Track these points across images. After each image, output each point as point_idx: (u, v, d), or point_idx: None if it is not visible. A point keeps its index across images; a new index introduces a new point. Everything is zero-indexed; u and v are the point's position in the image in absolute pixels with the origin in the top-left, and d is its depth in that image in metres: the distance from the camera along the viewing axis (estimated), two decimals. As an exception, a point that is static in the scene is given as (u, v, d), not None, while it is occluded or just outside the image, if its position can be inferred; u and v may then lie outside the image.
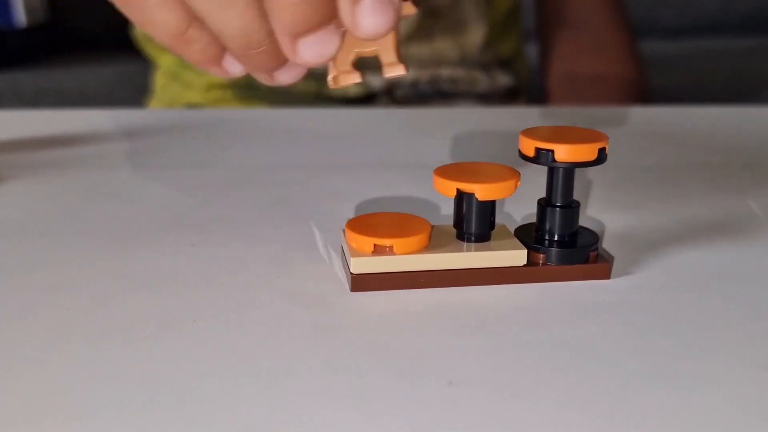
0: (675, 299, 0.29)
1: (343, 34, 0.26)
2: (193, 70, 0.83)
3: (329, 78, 0.29)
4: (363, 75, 0.29)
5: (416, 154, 0.47)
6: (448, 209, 0.37)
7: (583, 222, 0.32)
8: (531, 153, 0.29)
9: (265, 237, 0.35)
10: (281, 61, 0.28)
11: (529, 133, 0.30)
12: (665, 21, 1.91)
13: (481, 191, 0.29)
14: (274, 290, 0.29)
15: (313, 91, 0.78)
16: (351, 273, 0.29)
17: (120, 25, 0.64)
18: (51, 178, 0.43)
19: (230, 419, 0.21)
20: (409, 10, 0.27)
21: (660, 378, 0.23)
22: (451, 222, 0.31)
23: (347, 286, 0.30)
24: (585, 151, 0.29)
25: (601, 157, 0.29)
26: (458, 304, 0.28)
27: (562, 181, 0.30)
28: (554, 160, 0.29)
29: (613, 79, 0.86)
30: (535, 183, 0.34)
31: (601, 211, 0.38)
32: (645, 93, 0.89)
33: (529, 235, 0.31)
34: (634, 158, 0.48)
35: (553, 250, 0.30)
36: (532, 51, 0.94)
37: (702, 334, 0.26)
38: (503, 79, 0.83)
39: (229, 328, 0.26)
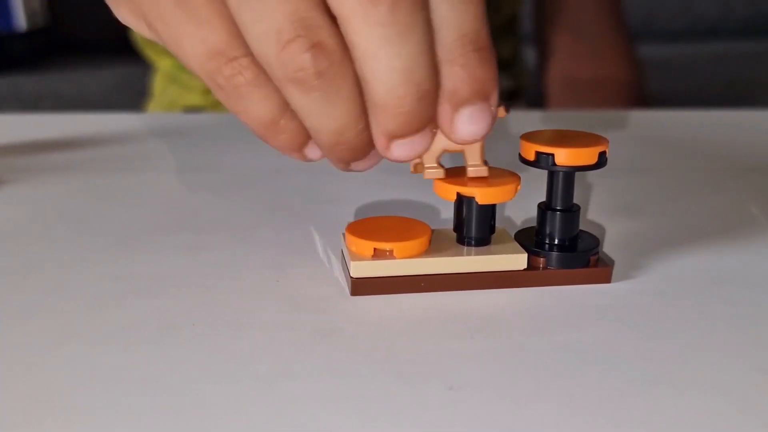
0: (675, 303, 0.29)
1: (435, 134, 0.27)
2: (191, 73, 0.83)
3: (411, 165, 0.30)
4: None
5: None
6: (448, 213, 0.37)
7: (583, 226, 0.32)
8: (531, 157, 0.29)
9: (265, 241, 0.35)
10: (364, 154, 0.28)
11: (530, 136, 0.30)
12: (663, 24, 1.91)
13: (482, 195, 0.29)
14: (274, 294, 0.29)
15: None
16: (351, 277, 0.29)
17: (119, 29, 0.64)
18: (51, 182, 0.43)
19: (230, 423, 0.21)
20: (502, 113, 0.28)
21: (661, 382, 0.23)
22: (451, 226, 0.31)
23: (347, 290, 0.30)
24: (585, 155, 0.29)
25: (602, 161, 0.29)
26: (458, 308, 0.28)
27: (562, 185, 0.30)
28: (554, 164, 0.29)
29: (612, 82, 0.86)
30: (535, 187, 0.34)
31: (601, 214, 0.38)
32: (644, 97, 0.89)
33: (529, 239, 0.31)
34: (635, 162, 0.48)
35: (554, 253, 0.30)
36: (529, 54, 0.94)
37: (703, 338, 0.26)
38: (502, 82, 0.83)
39: (229, 331, 0.26)
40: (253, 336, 0.26)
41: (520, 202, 0.34)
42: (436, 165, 0.29)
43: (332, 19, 0.25)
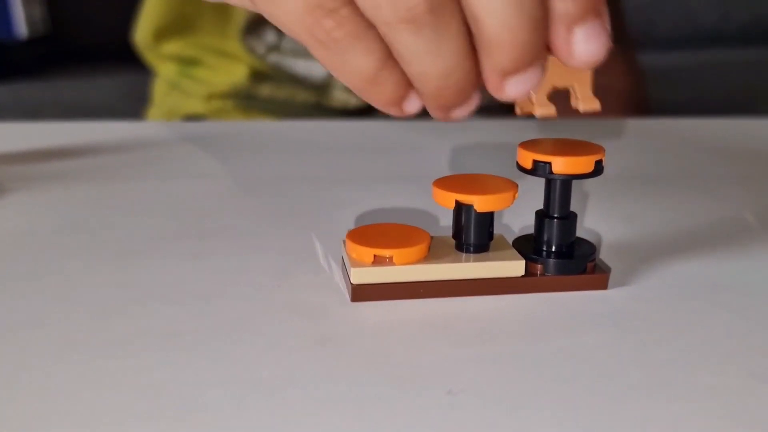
0: (672, 309, 0.29)
1: (546, 68, 0.26)
2: (193, 79, 0.83)
3: (517, 108, 0.29)
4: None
5: (415, 166, 0.48)
6: (447, 220, 0.37)
7: (580, 233, 0.32)
8: (529, 165, 0.30)
9: (267, 248, 0.35)
10: (467, 97, 0.27)
11: (527, 145, 0.30)
12: (663, 32, 1.92)
13: (480, 203, 0.30)
14: (276, 300, 0.30)
15: (313, 101, 0.79)
16: (351, 283, 0.29)
17: (119, 37, 0.64)
18: (53, 190, 0.44)
19: (233, 428, 0.22)
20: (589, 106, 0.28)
21: (657, 387, 0.24)
22: (450, 233, 0.32)
23: (347, 296, 0.30)
24: (582, 164, 0.29)
25: (598, 169, 0.29)
26: (457, 314, 0.29)
27: (559, 193, 0.31)
28: (551, 172, 0.29)
29: (612, 91, 0.86)
30: (533, 194, 0.34)
31: (598, 222, 0.38)
32: (645, 105, 0.89)
33: (527, 246, 0.31)
34: (631, 170, 0.48)
35: (551, 260, 0.30)
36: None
37: (699, 344, 0.27)
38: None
39: (231, 337, 0.27)
40: (255, 342, 0.26)
41: (518, 210, 0.34)
42: (545, 101, 0.28)
43: None
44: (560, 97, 0.29)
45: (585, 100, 0.28)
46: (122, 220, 0.39)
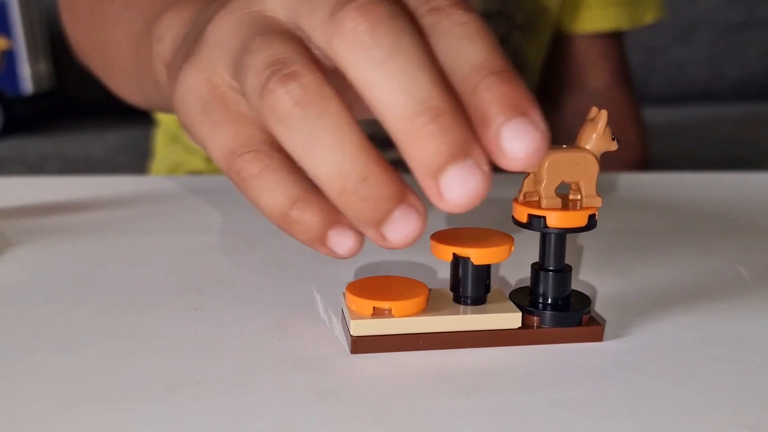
0: (666, 362, 0.29)
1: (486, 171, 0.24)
2: None
3: (520, 195, 0.30)
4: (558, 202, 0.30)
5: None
6: (444, 273, 0.38)
7: (575, 286, 0.33)
8: (524, 219, 0.30)
9: (267, 300, 0.35)
10: (385, 210, 0.25)
11: (521, 200, 0.31)
12: (657, 89, 1.95)
13: (477, 256, 0.30)
14: (276, 353, 0.30)
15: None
16: (351, 335, 0.30)
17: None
18: (57, 244, 0.44)
19: (234, 477, 0.22)
20: (612, 146, 0.30)
21: (650, 437, 0.24)
22: (448, 285, 0.32)
23: (347, 348, 0.30)
24: (576, 218, 0.30)
25: (591, 224, 0.30)
26: (455, 366, 0.29)
27: (554, 246, 0.31)
28: (546, 226, 0.30)
29: (619, 155, 0.87)
30: (528, 248, 0.35)
31: (593, 275, 0.39)
32: (647, 160, 0.89)
33: (524, 298, 0.32)
34: (625, 224, 0.49)
35: (547, 313, 0.31)
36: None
37: (693, 396, 0.27)
38: None
39: (232, 390, 0.27)
40: (256, 394, 0.27)
41: (514, 263, 0.35)
42: (553, 196, 0.30)
43: (314, 58, 0.26)
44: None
45: (588, 198, 0.30)
46: (124, 274, 0.39)
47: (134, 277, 0.39)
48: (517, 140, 0.24)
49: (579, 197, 0.30)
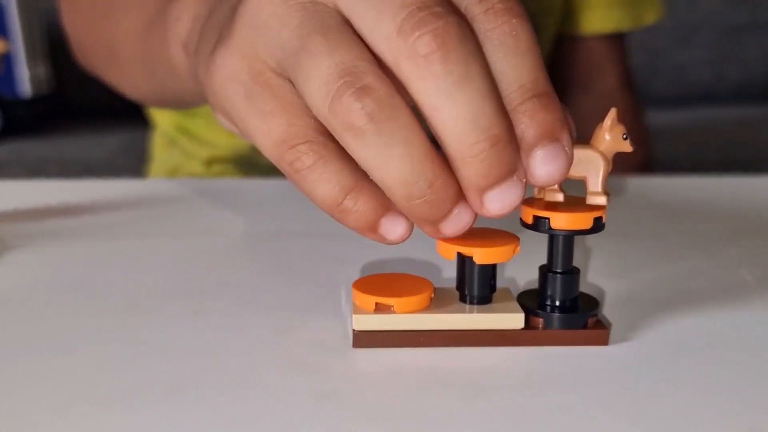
0: (672, 365, 0.29)
1: (525, 182, 0.27)
2: (191, 139, 0.83)
3: (535, 190, 0.31)
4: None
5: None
6: (453, 272, 0.37)
7: (584, 288, 0.33)
8: (529, 220, 0.30)
9: (267, 303, 0.35)
10: (444, 210, 0.27)
11: (529, 201, 0.30)
12: (658, 91, 1.94)
13: (479, 255, 0.30)
14: (276, 356, 0.30)
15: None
16: (353, 329, 0.30)
17: (121, 96, 0.65)
18: (56, 247, 0.44)
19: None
20: (624, 146, 0.29)
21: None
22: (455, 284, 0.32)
23: (351, 346, 0.30)
24: (580, 220, 0.29)
25: (597, 226, 0.30)
26: (457, 365, 0.29)
27: (561, 249, 0.31)
28: (551, 228, 0.30)
29: (621, 156, 0.87)
30: (542, 249, 0.34)
31: (601, 277, 0.38)
32: (649, 162, 0.89)
33: (531, 300, 0.32)
34: (629, 226, 0.48)
35: (552, 314, 0.31)
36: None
37: (697, 400, 0.27)
38: None
39: (232, 393, 0.27)
40: (256, 397, 0.26)
41: (527, 264, 0.35)
42: (556, 188, 0.30)
43: (380, 65, 0.26)
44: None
45: (592, 195, 0.30)
46: (123, 277, 0.39)
47: (133, 280, 0.38)
48: (547, 166, 0.27)
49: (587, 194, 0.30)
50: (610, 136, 0.29)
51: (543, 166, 0.27)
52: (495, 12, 0.26)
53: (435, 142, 0.27)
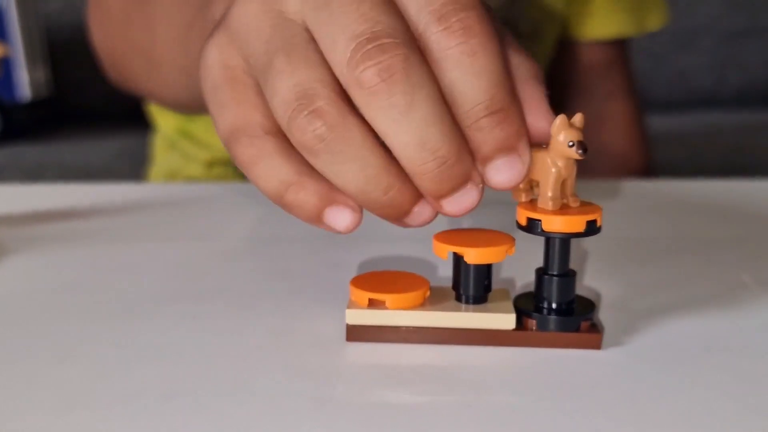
0: (667, 370, 0.29)
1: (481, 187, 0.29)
2: (192, 141, 0.84)
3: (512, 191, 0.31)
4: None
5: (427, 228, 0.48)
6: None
7: (581, 291, 0.33)
8: (524, 222, 0.30)
9: (265, 309, 0.35)
10: (403, 211, 0.29)
11: (525, 204, 0.31)
12: (659, 96, 1.95)
13: (470, 255, 0.30)
14: (274, 361, 0.30)
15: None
16: (346, 323, 0.31)
17: (120, 100, 0.65)
18: (54, 252, 0.44)
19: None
20: (569, 153, 0.29)
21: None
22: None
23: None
24: (573, 223, 0.29)
25: (591, 230, 0.30)
26: (448, 364, 0.29)
27: (556, 251, 0.31)
28: (543, 230, 0.29)
29: (614, 153, 0.87)
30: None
31: (598, 280, 0.38)
32: (650, 167, 0.89)
33: (527, 301, 0.32)
34: (627, 230, 0.48)
35: (543, 316, 0.31)
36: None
37: (694, 405, 0.26)
38: None
39: (230, 398, 0.27)
40: (254, 403, 0.26)
41: (533, 265, 0.34)
42: (528, 189, 0.31)
43: (337, 87, 0.28)
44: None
45: (541, 198, 0.30)
46: (121, 282, 0.39)
47: (131, 285, 0.38)
48: (502, 175, 0.28)
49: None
50: (556, 142, 0.29)
51: (498, 175, 0.28)
52: (452, 32, 0.27)
53: None
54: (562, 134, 0.29)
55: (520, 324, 0.31)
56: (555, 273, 0.31)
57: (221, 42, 0.31)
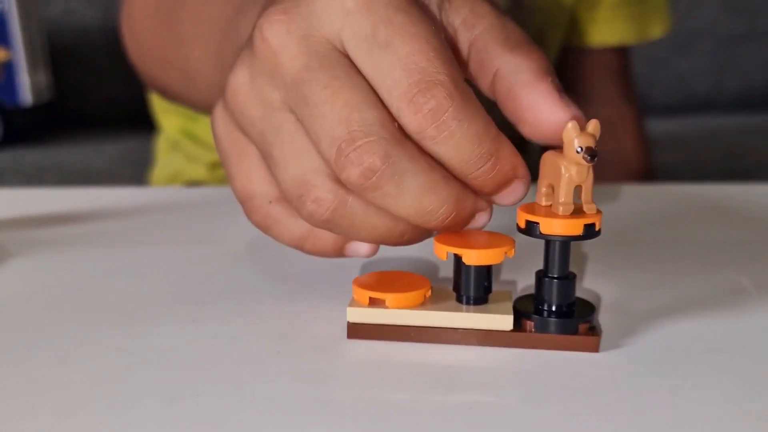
0: (666, 373, 0.29)
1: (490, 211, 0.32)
2: (196, 143, 0.84)
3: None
4: None
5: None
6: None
7: (580, 293, 0.33)
8: (523, 225, 0.30)
9: (267, 312, 0.35)
10: (418, 239, 0.33)
11: (525, 207, 0.31)
12: (658, 99, 1.95)
13: (468, 256, 0.30)
14: (276, 365, 0.30)
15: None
16: (347, 321, 0.31)
17: (121, 103, 0.65)
18: (55, 255, 0.44)
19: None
20: (578, 159, 0.29)
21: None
22: None
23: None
24: (571, 226, 0.29)
25: (589, 233, 0.30)
26: (447, 364, 0.29)
27: (555, 254, 0.31)
28: (541, 233, 0.30)
29: (616, 158, 0.87)
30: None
31: (596, 283, 0.38)
32: (649, 172, 0.89)
33: (528, 303, 0.32)
34: (627, 234, 0.48)
35: (541, 318, 0.31)
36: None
37: (693, 408, 0.27)
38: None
39: (231, 403, 0.27)
40: (255, 407, 0.27)
41: (534, 268, 0.35)
42: (549, 192, 0.31)
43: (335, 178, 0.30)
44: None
45: (556, 203, 0.30)
46: (123, 285, 0.39)
47: (132, 289, 0.38)
48: (507, 200, 0.31)
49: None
50: (568, 147, 0.29)
51: (504, 200, 0.31)
52: (423, 116, 0.28)
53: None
54: (574, 140, 0.29)
55: (519, 325, 0.31)
56: (554, 276, 0.31)
57: (223, 114, 0.34)
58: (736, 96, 2.00)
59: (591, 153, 0.29)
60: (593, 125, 0.29)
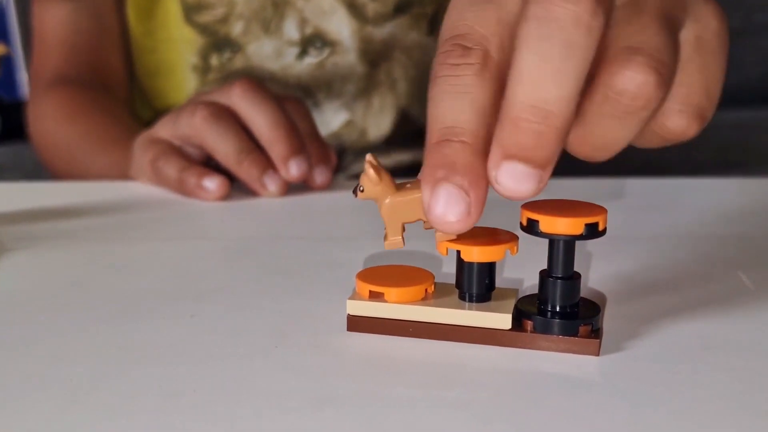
0: (666, 370, 0.29)
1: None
2: None
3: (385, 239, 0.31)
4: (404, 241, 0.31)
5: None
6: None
7: (585, 294, 0.32)
8: (525, 223, 0.30)
9: (264, 308, 0.35)
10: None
11: (528, 205, 0.30)
12: (656, 94, 1.94)
13: (468, 252, 0.30)
14: (273, 361, 0.30)
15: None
16: (347, 314, 0.31)
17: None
18: (53, 250, 0.44)
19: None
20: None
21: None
22: None
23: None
24: (570, 225, 0.29)
25: (591, 232, 0.29)
26: (446, 361, 0.29)
27: (559, 253, 0.30)
28: (541, 231, 0.29)
29: None
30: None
31: (594, 280, 0.38)
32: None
33: (531, 303, 0.32)
34: (624, 229, 0.48)
35: (541, 318, 0.30)
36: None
37: (693, 405, 0.27)
38: None
39: (228, 398, 0.27)
40: (253, 403, 0.27)
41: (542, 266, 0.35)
42: (399, 237, 0.31)
43: None
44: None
45: (389, 239, 0.31)
46: (120, 280, 0.39)
47: (130, 284, 0.38)
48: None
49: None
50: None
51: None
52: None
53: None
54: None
55: (520, 325, 0.31)
56: (556, 275, 0.31)
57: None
58: (732, 91, 1.99)
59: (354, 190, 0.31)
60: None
